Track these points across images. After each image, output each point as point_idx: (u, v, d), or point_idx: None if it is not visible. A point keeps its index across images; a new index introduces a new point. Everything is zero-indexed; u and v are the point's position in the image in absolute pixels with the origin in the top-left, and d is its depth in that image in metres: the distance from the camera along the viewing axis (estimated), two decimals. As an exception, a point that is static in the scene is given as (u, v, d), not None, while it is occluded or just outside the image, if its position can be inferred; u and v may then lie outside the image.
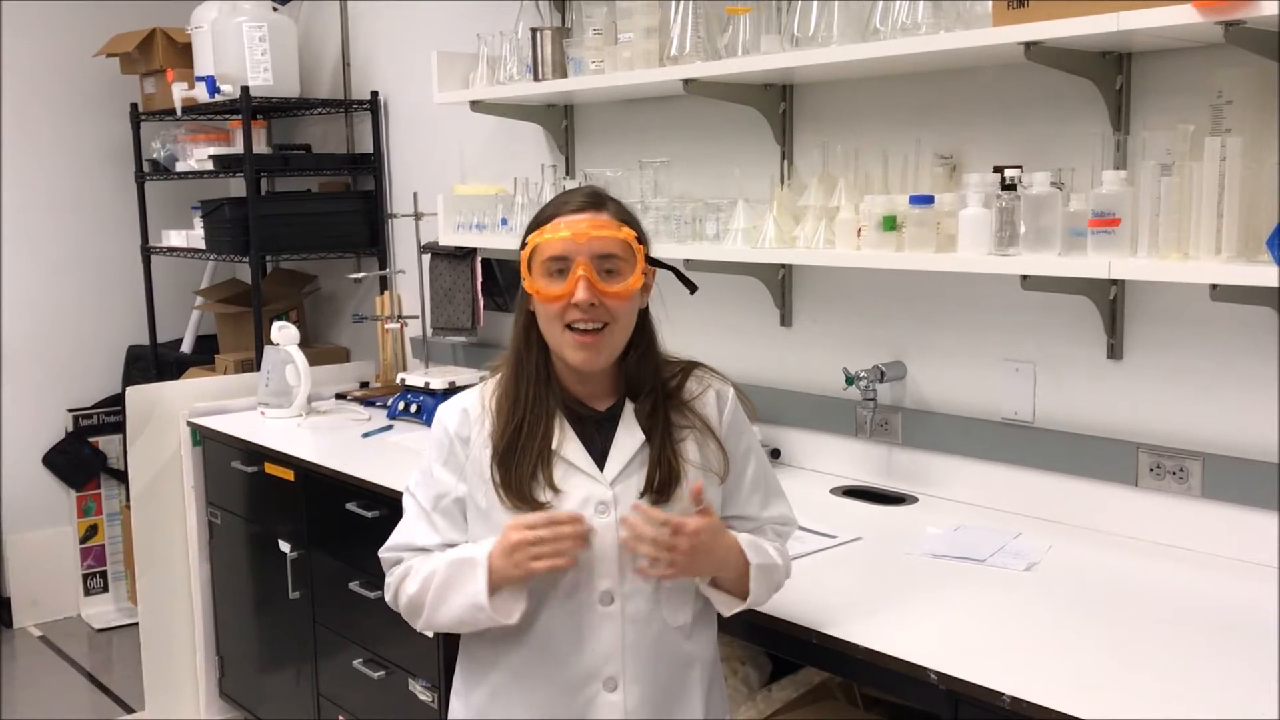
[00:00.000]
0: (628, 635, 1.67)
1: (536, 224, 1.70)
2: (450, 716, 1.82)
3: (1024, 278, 2.10)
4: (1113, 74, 2.19)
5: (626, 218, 1.71)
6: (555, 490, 1.66)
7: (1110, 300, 2.27)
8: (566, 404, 1.72)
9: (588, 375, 1.71)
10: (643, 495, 1.68)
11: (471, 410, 1.74)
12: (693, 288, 1.83)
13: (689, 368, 1.79)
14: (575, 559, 1.62)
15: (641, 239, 1.70)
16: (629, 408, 1.72)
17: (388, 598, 1.79)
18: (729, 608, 1.73)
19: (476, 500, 1.70)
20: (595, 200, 1.70)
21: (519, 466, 1.67)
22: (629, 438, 1.70)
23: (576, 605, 1.67)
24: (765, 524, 1.82)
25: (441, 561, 1.69)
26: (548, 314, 1.66)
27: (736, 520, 1.79)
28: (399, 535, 1.78)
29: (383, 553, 1.80)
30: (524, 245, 1.70)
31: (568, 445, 1.69)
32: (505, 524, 1.63)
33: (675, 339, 1.80)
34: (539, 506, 1.65)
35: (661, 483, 1.68)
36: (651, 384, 1.73)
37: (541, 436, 1.68)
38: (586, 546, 1.63)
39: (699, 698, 1.75)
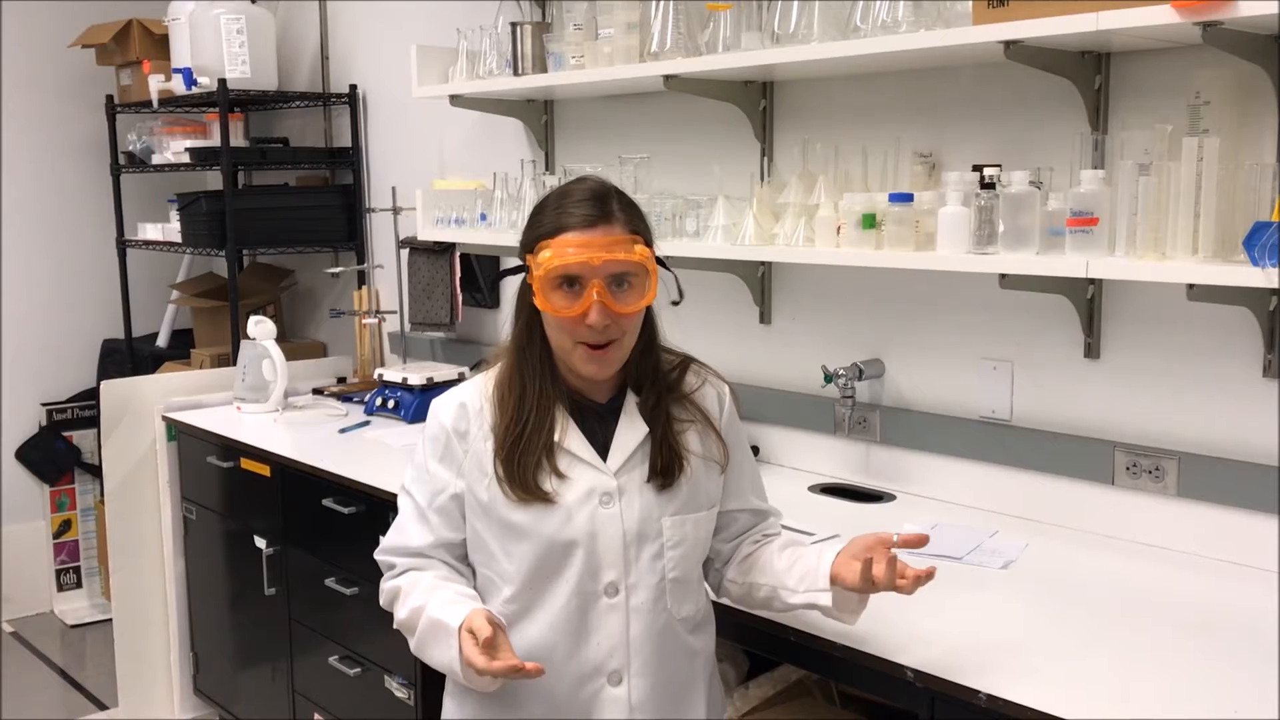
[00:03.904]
0: (633, 627, 1.67)
1: (540, 232, 1.64)
2: (446, 716, 1.80)
3: (1002, 276, 2.11)
4: (1092, 74, 2.20)
5: (634, 224, 1.66)
6: (561, 477, 1.65)
7: (1088, 299, 2.28)
8: (569, 395, 1.70)
9: None
10: (647, 483, 1.67)
11: (470, 404, 1.71)
12: (676, 301, 1.76)
13: (686, 362, 1.79)
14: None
15: (649, 241, 1.67)
16: (631, 400, 1.71)
17: (381, 602, 1.76)
18: (852, 618, 1.72)
19: (477, 495, 1.68)
20: (603, 209, 1.63)
21: (523, 458, 1.65)
22: (632, 429, 1.69)
23: (581, 597, 1.66)
24: (769, 516, 1.84)
25: (425, 608, 1.65)
26: (557, 324, 1.64)
27: (743, 514, 1.81)
28: (393, 537, 1.75)
29: (378, 555, 1.76)
30: (531, 250, 1.64)
31: (570, 437, 1.68)
32: (476, 611, 1.57)
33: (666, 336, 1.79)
34: (544, 497, 1.64)
35: (665, 470, 1.67)
36: (653, 377, 1.72)
37: (546, 429, 1.66)
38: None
39: (702, 692, 1.75)
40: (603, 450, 1.69)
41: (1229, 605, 1.92)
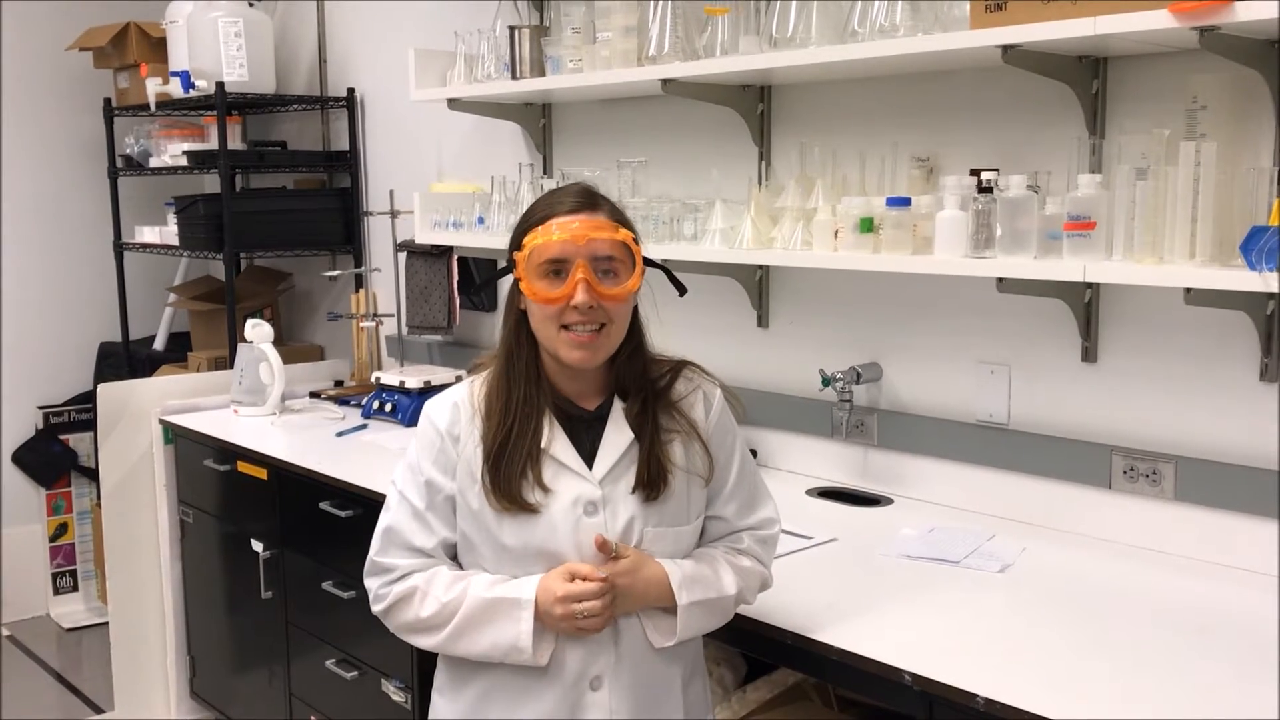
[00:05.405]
0: (614, 633, 1.67)
1: (529, 224, 1.68)
2: (435, 716, 1.80)
3: (999, 280, 2.11)
4: (1089, 78, 2.20)
5: (621, 217, 1.70)
6: (545, 490, 1.65)
7: (1085, 303, 2.28)
8: (555, 403, 1.70)
9: (579, 373, 1.70)
10: (633, 493, 1.67)
11: (462, 407, 1.71)
12: (682, 290, 1.81)
13: (679, 367, 1.78)
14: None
15: (637, 239, 1.69)
16: (618, 407, 1.72)
17: (379, 608, 1.73)
18: (660, 640, 1.71)
19: (468, 500, 1.68)
20: (589, 200, 1.69)
21: (508, 467, 1.65)
22: (618, 437, 1.69)
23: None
24: (742, 530, 1.80)
25: (467, 592, 1.65)
26: (543, 314, 1.65)
27: (713, 521, 1.79)
28: (392, 538, 1.72)
29: (377, 556, 1.73)
30: (519, 246, 1.67)
31: (557, 444, 1.68)
32: (553, 572, 1.64)
33: (653, 339, 1.79)
34: (528, 508, 1.64)
35: (651, 482, 1.67)
36: (640, 383, 1.72)
37: (531, 436, 1.66)
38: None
39: (679, 695, 1.75)
40: (589, 458, 1.69)
41: (1227, 609, 1.93)
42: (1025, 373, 2.42)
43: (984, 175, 2.18)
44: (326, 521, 2.90)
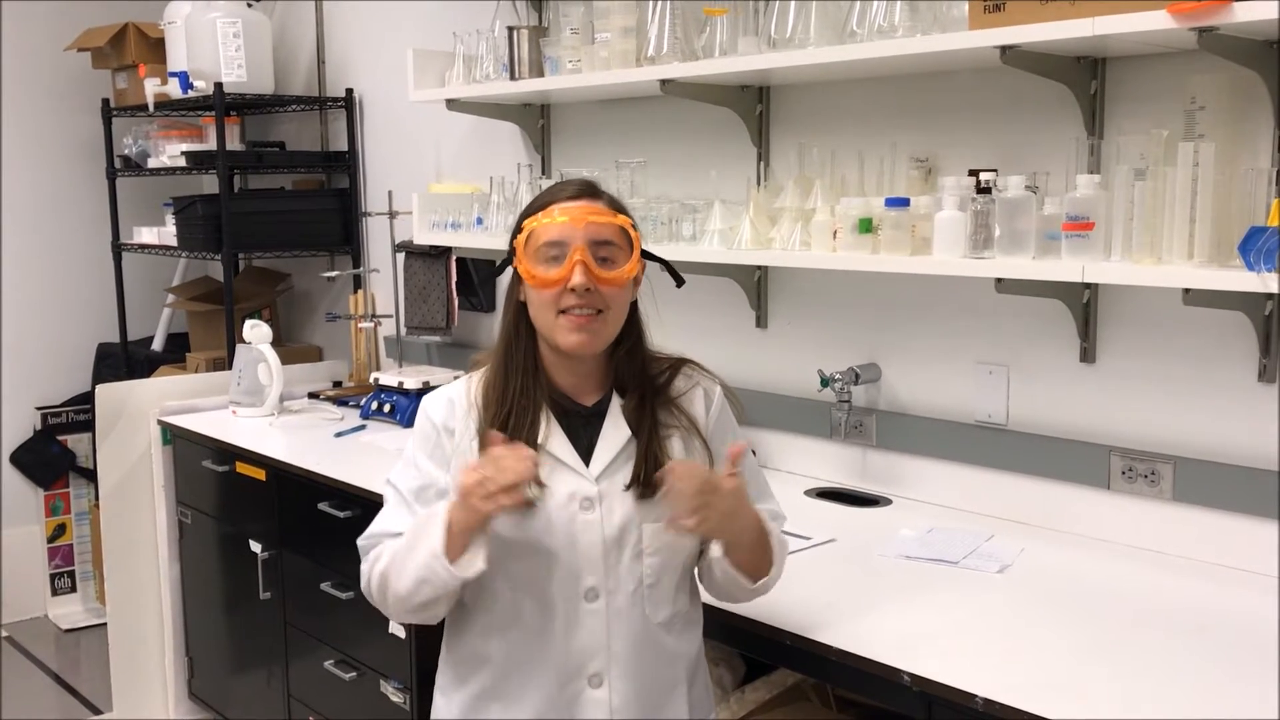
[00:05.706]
0: (612, 631, 1.67)
1: (530, 212, 1.70)
2: (436, 715, 1.80)
3: (998, 281, 2.11)
4: (1088, 79, 2.20)
5: (620, 208, 1.72)
6: (540, 485, 1.65)
7: (1083, 304, 2.28)
8: (553, 398, 1.71)
9: (577, 366, 1.70)
10: (627, 490, 1.67)
11: (458, 401, 1.72)
12: (680, 280, 1.83)
13: (678, 364, 1.79)
14: (525, 497, 1.56)
15: (636, 228, 1.70)
16: (616, 403, 1.72)
17: (363, 585, 1.75)
18: (750, 580, 1.70)
19: None
20: (590, 189, 1.71)
21: None
22: (615, 433, 1.70)
23: (563, 602, 1.66)
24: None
25: (404, 534, 1.65)
26: (541, 300, 1.65)
27: None
28: (378, 524, 1.74)
29: (361, 541, 1.76)
30: (519, 230, 1.69)
31: (553, 440, 1.68)
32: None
33: (652, 339, 1.80)
34: (524, 502, 1.63)
35: (648, 478, 1.67)
36: (639, 379, 1.73)
37: (528, 430, 1.66)
38: (533, 477, 1.56)
39: (683, 694, 1.75)
40: (586, 454, 1.69)
41: (1225, 609, 1.93)
42: (1024, 373, 2.42)
43: (982, 176, 2.18)
44: (325, 522, 2.89)
